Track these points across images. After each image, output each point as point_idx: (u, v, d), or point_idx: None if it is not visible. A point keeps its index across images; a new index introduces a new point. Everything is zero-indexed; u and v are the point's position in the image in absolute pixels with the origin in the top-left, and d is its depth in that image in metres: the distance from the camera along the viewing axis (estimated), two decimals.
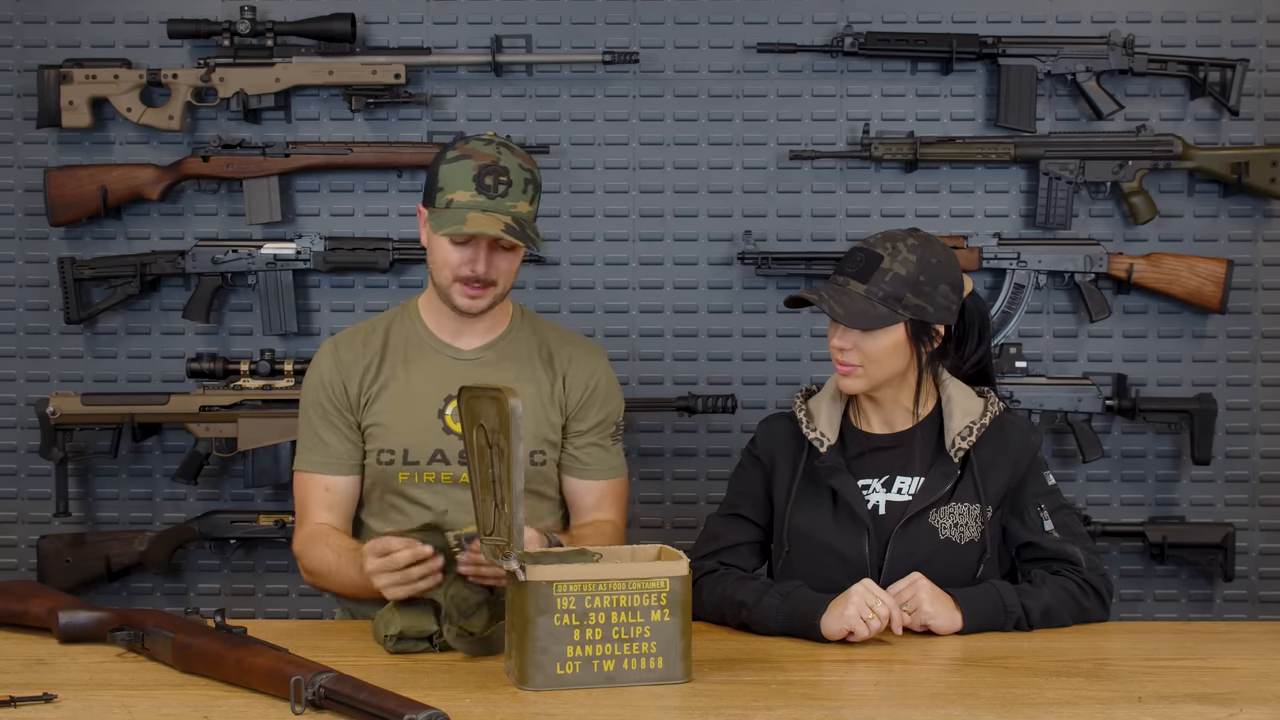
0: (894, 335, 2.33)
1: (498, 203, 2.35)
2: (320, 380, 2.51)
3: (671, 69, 3.47)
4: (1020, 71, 3.39)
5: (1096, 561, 2.41)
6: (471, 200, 2.34)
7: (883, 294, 2.31)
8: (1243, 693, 1.95)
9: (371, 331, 2.54)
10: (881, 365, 2.34)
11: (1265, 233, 3.48)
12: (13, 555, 3.53)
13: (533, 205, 2.40)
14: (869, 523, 2.36)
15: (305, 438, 2.52)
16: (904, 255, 2.33)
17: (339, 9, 3.39)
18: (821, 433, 2.41)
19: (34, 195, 3.46)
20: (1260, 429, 3.51)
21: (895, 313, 2.31)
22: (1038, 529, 2.39)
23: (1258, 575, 3.52)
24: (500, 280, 2.41)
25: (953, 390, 2.42)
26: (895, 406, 2.41)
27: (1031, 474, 2.42)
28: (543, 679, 1.92)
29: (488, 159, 2.37)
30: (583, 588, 1.93)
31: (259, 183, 3.40)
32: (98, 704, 1.86)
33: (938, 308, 2.34)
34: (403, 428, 2.46)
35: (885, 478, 2.40)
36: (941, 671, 2.08)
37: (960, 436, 2.38)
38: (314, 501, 2.50)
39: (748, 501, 2.48)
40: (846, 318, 2.31)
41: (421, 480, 2.46)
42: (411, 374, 2.48)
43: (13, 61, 3.47)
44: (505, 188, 2.35)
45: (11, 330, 3.51)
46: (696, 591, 2.36)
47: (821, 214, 3.48)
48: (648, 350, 3.49)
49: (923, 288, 2.32)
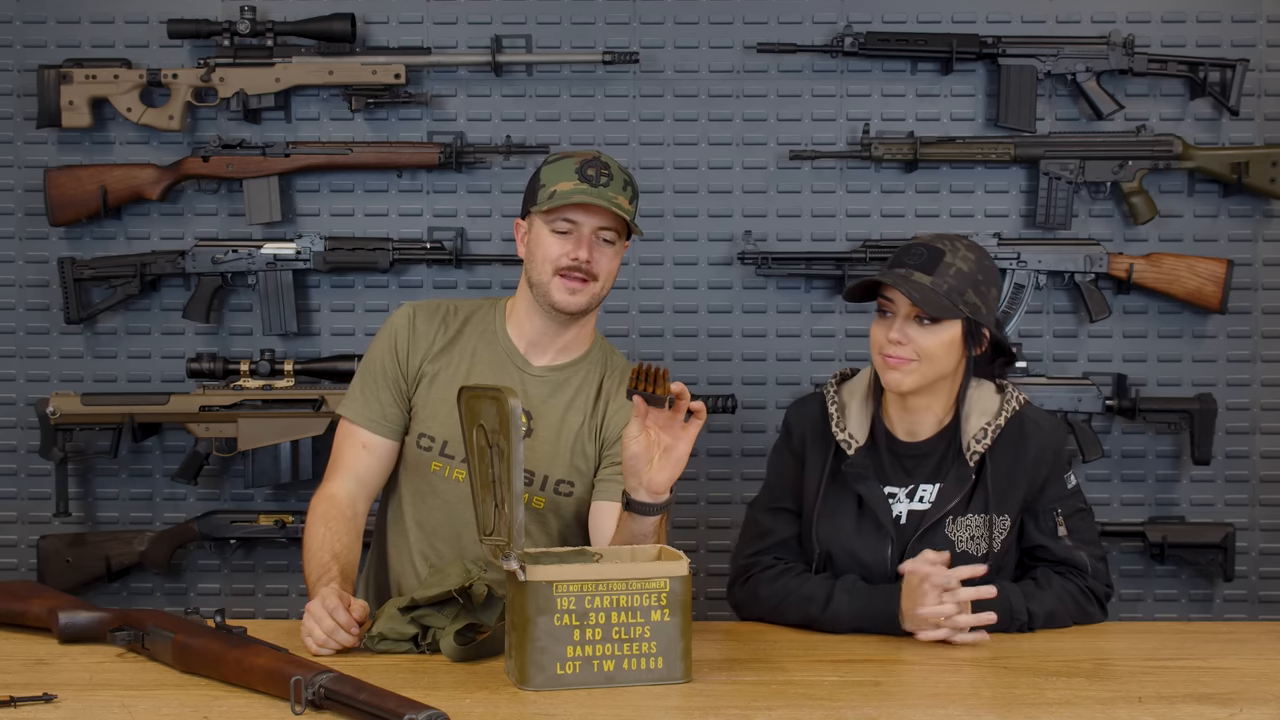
0: (952, 331, 2.29)
1: (601, 191, 2.36)
2: (390, 341, 2.50)
3: (671, 69, 3.47)
4: (1020, 71, 3.39)
5: (1102, 569, 2.41)
6: (575, 188, 2.36)
7: (948, 286, 2.27)
8: (1243, 693, 1.95)
9: (453, 313, 2.53)
10: (935, 362, 2.29)
11: (1265, 233, 3.48)
12: (13, 555, 3.53)
13: (633, 205, 2.41)
14: (892, 532, 2.33)
15: (359, 388, 2.50)
16: (964, 253, 2.30)
17: (339, 9, 3.39)
18: (850, 434, 2.37)
19: (34, 195, 3.46)
20: (1260, 429, 3.51)
21: (957, 307, 2.27)
22: (1051, 533, 2.37)
23: (1258, 575, 3.52)
24: (601, 277, 2.40)
25: (970, 392, 2.37)
26: (926, 414, 2.36)
27: (1052, 478, 2.38)
28: (543, 679, 1.92)
29: (589, 155, 2.41)
30: (583, 588, 1.93)
31: (259, 183, 3.40)
32: (98, 704, 1.86)
33: (990, 309, 2.32)
34: (448, 419, 2.42)
35: (910, 487, 2.37)
36: (941, 671, 2.08)
37: (975, 439, 2.34)
38: (347, 457, 2.47)
39: (788, 493, 2.44)
40: (923, 302, 2.25)
41: (451, 476, 2.45)
42: (474, 370, 2.46)
43: (13, 61, 3.47)
44: (608, 179, 2.37)
45: (11, 330, 3.51)
46: (752, 587, 2.37)
47: (821, 214, 3.48)
48: (648, 350, 3.49)
49: (980, 286, 2.29)
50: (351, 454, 2.47)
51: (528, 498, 2.45)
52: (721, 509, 3.47)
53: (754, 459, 3.41)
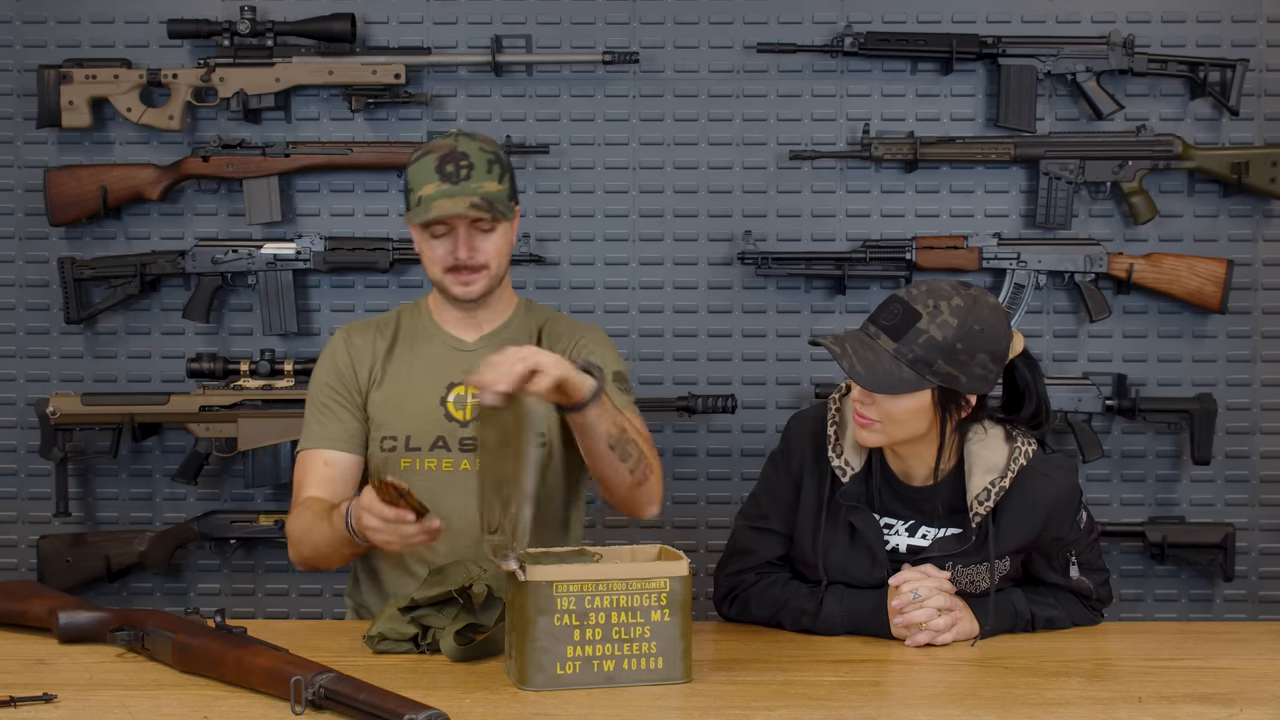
0: (918, 400, 2.17)
1: (462, 186, 2.37)
2: (332, 363, 2.53)
3: (671, 69, 3.47)
4: (1020, 71, 3.39)
5: (1106, 592, 2.40)
6: (437, 189, 2.37)
7: (912, 356, 2.14)
8: (1243, 693, 1.95)
9: (384, 322, 2.58)
10: (901, 426, 2.19)
11: (1265, 233, 3.48)
12: (13, 555, 3.53)
13: (502, 184, 2.41)
14: (886, 564, 2.28)
15: (312, 419, 2.51)
16: (944, 318, 2.14)
17: (339, 9, 3.39)
18: (846, 460, 2.28)
19: (34, 195, 3.46)
20: (1260, 429, 3.51)
21: (923, 378, 2.14)
22: (1063, 572, 2.34)
23: (1258, 575, 3.52)
24: (490, 262, 2.42)
25: (975, 445, 2.26)
26: (916, 461, 2.28)
27: (1064, 526, 2.30)
28: (543, 679, 1.92)
29: (445, 148, 2.40)
30: (583, 588, 1.93)
31: (259, 183, 3.40)
32: (98, 704, 1.86)
33: (972, 377, 2.16)
34: (406, 414, 2.47)
35: (910, 523, 2.30)
36: (941, 671, 2.08)
37: (979, 500, 2.23)
38: (310, 477, 2.46)
39: (777, 511, 2.36)
40: (868, 380, 2.15)
41: (423, 467, 2.46)
42: (416, 363, 2.51)
43: (13, 61, 3.47)
44: (468, 170, 2.38)
45: (11, 330, 3.51)
46: (744, 601, 2.36)
47: (821, 214, 3.48)
48: (648, 350, 3.49)
49: (958, 355, 2.14)
50: (313, 472, 2.47)
51: None
52: (721, 509, 3.47)
53: (754, 459, 3.41)
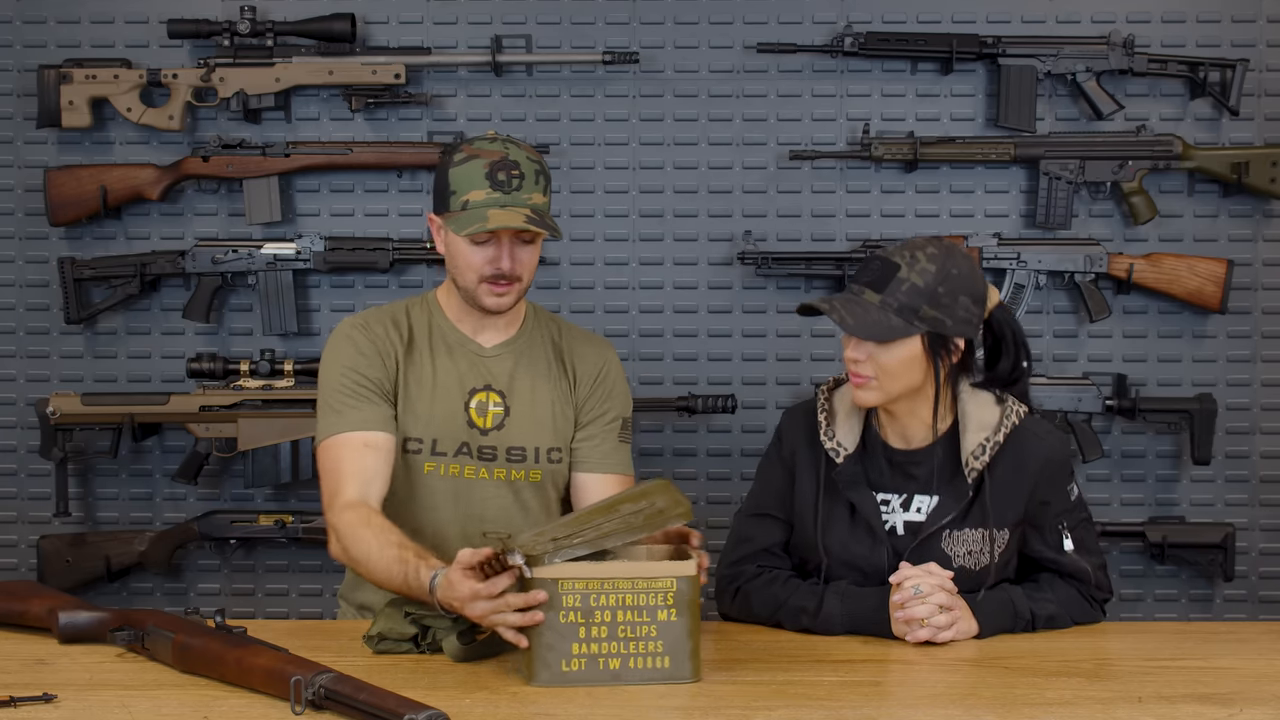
0: (910, 348, 2.23)
1: (514, 196, 2.34)
2: (354, 351, 2.41)
3: (671, 69, 3.47)
4: (1020, 71, 3.39)
5: (1104, 578, 2.40)
6: (489, 197, 2.33)
7: (898, 305, 2.21)
8: (1243, 693, 1.95)
9: (395, 317, 2.48)
10: (896, 378, 2.25)
11: (1265, 233, 3.48)
12: (13, 555, 3.53)
13: (546, 196, 2.39)
14: (886, 541, 2.31)
15: (335, 407, 2.38)
16: (922, 265, 2.22)
17: (339, 9, 3.39)
18: (839, 442, 2.34)
19: (34, 195, 3.46)
20: (1260, 429, 3.51)
21: (910, 324, 2.22)
22: (1057, 547, 2.35)
23: (1258, 575, 3.52)
24: (524, 275, 2.40)
25: (969, 404, 2.32)
26: (912, 420, 2.32)
27: (1055, 491, 2.34)
28: (549, 675, 1.92)
29: (496, 155, 2.35)
30: (588, 585, 1.93)
31: (259, 183, 3.40)
32: (98, 704, 1.86)
33: (957, 320, 2.24)
34: (431, 417, 2.42)
35: (904, 496, 2.34)
36: (941, 671, 2.08)
37: (974, 455, 2.29)
38: (350, 466, 2.32)
39: (774, 500, 2.41)
40: (858, 328, 2.22)
41: (446, 473, 2.44)
42: (438, 365, 2.46)
43: (13, 61, 3.47)
44: (519, 181, 2.34)
45: (11, 330, 3.51)
46: (744, 597, 2.36)
47: (821, 214, 3.48)
48: (648, 350, 3.49)
49: (941, 299, 2.22)
50: (353, 459, 2.34)
51: (523, 473, 2.47)
52: (721, 509, 3.47)
53: (754, 459, 3.39)
